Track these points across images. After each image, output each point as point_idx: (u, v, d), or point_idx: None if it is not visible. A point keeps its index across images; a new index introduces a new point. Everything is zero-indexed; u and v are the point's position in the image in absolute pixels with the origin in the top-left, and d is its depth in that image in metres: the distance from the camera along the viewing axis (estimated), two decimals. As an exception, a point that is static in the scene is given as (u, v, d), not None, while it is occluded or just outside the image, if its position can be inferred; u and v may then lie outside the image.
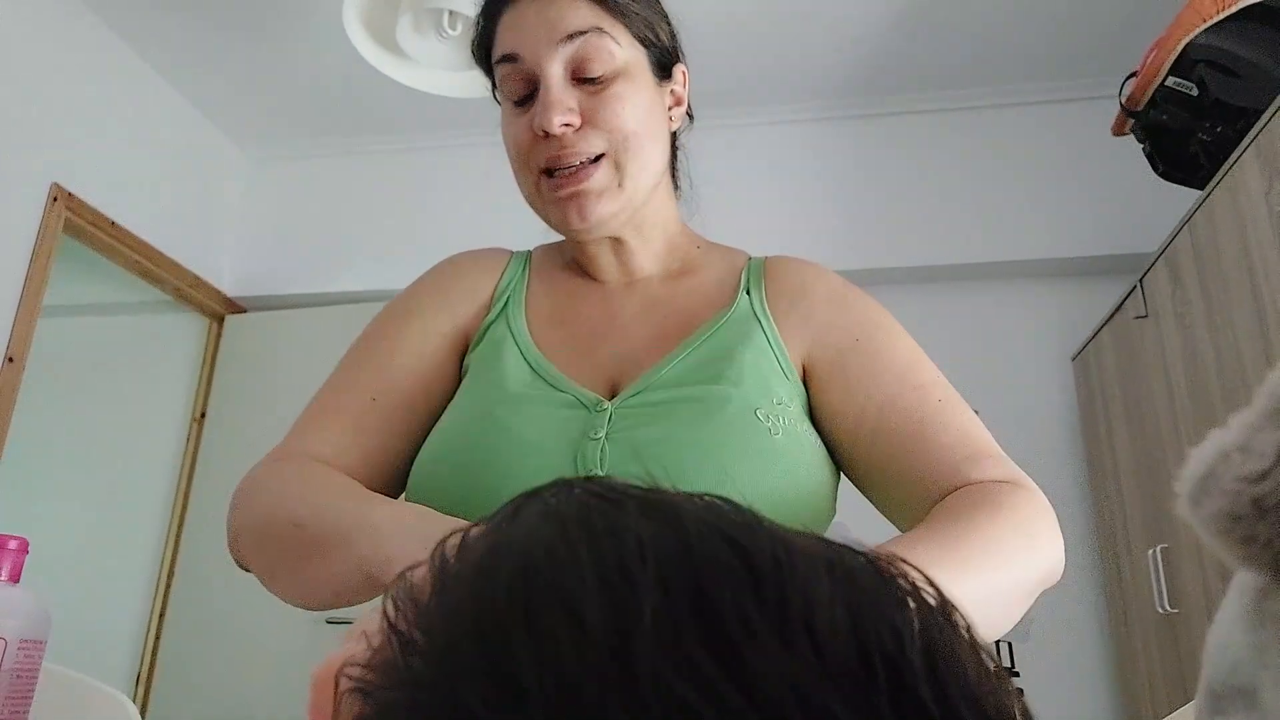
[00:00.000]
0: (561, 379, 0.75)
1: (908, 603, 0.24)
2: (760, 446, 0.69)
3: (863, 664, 0.22)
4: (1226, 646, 0.28)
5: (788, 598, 0.23)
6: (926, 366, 0.77)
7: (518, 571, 0.24)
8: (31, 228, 2.50)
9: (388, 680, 0.25)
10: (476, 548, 0.27)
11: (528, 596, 0.23)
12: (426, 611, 0.26)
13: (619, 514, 0.25)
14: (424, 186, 3.26)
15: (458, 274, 0.86)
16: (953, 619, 0.25)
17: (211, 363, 3.26)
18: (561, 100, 0.74)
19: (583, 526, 0.25)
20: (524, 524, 0.26)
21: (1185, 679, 2.00)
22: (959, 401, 0.75)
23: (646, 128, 0.77)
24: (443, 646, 0.24)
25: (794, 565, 0.24)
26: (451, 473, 0.71)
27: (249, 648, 2.77)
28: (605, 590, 0.23)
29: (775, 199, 2.99)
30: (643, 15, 0.79)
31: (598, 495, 0.27)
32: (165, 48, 2.87)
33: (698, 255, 0.87)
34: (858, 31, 2.72)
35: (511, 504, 0.28)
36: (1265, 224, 1.67)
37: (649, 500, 0.26)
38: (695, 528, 0.25)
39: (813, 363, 0.78)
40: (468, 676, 0.22)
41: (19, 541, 0.67)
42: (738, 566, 0.23)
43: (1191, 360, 1.96)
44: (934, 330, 2.86)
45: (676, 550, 0.24)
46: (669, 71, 0.82)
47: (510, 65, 0.77)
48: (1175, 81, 1.94)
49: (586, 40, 0.74)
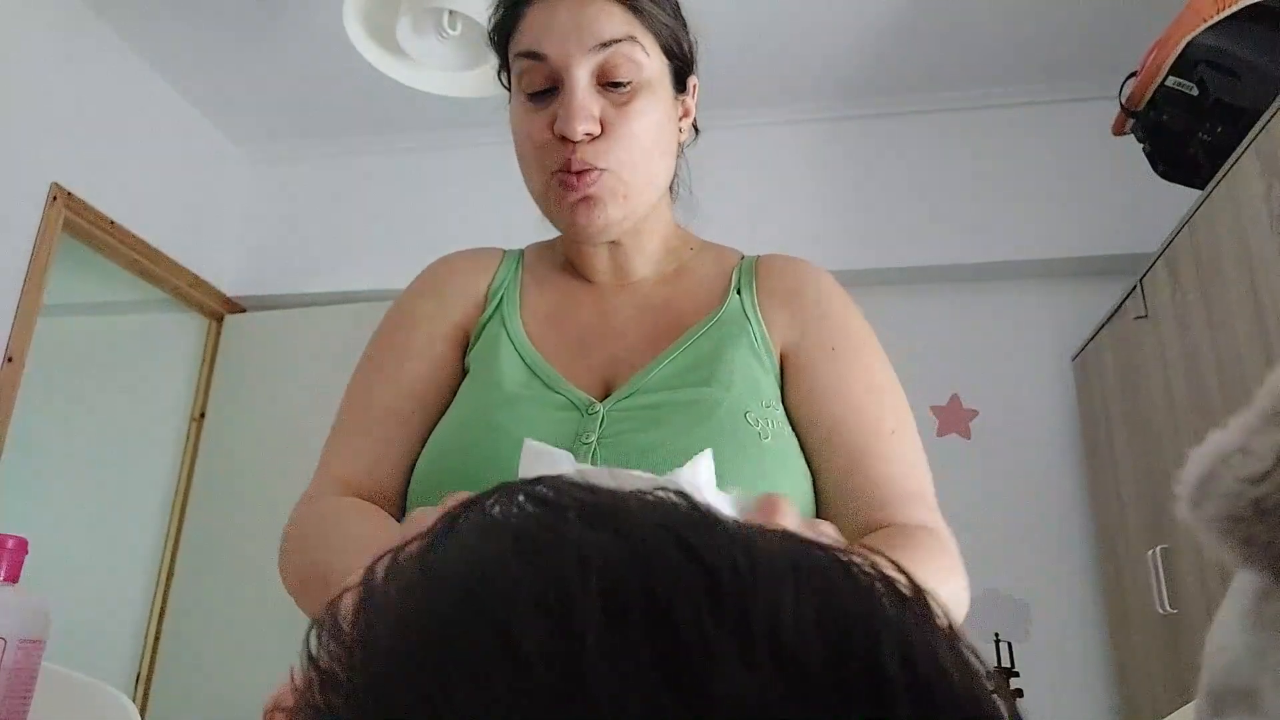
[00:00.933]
0: (556, 378, 0.76)
1: (883, 603, 0.22)
2: (751, 451, 0.70)
3: (836, 680, 0.20)
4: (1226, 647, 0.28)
5: (749, 610, 0.20)
6: (890, 391, 0.78)
7: (448, 597, 0.22)
8: (31, 227, 2.50)
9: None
10: (406, 570, 0.24)
11: (457, 627, 0.21)
12: (348, 644, 0.23)
13: (560, 523, 0.23)
14: (424, 186, 3.26)
15: (451, 274, 0.87)
16: (930, 613, 0.23)
17: (211, 362, 3.26)
18: (586, 107, 0.73)
19: (518, 541, 0.23)
20: (459, 540, 0.24)
21: (1185, 679, 2.00)
22: (911, 435, 0.77)
23: (657, 143, 0.78)
24: (364, 685, 0.22)
25: (756, 571, 0.22)
26: (450, 477, 0.71)
27: (249, 648, 2.77)
28: (543, 616, 0.20)
29: (774, 200, 2.99)
30: (670, 26, 0.79)
31: (540, 501, 0.24)
32: (165, 48, 2.87)
33: (691, 256, 0.87)
34: (857, 32, 2.72)
35: (450, 515, 0.26)
36: (1265, 224, 1.67)
37: (595, 505, 0.24)
38: (645, 534, 0.22)
39: (786, 359, 0.79)
40: (391, 716, 0.20)
41: (19, 541, 0.67)
42: (693, 576, 0.21)
43: (1191, 361, 1.96)
44: (934, 331, 2.87)
45: (624, 564, 0.21)
46: (684, 84, 0.83)
47: (533, 61, 0.75)
48: (1175, 82, 1.94)
49: (619, 48, 0.74)
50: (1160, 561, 2.08)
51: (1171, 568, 2.05)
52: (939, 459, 0.83)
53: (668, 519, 0.23)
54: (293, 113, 3.19)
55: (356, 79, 2.91)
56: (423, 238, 3.11)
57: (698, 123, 0.88)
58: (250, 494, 2.96)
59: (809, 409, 0.76)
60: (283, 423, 2.99)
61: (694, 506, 0.24)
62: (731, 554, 0.22)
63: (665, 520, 0.23)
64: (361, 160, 3.34)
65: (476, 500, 0.26)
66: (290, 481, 1.86)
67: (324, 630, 0.24)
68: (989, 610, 2.59)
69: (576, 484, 0.26)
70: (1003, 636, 2.55)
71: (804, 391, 0.77)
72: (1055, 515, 2.66)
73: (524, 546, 0.22)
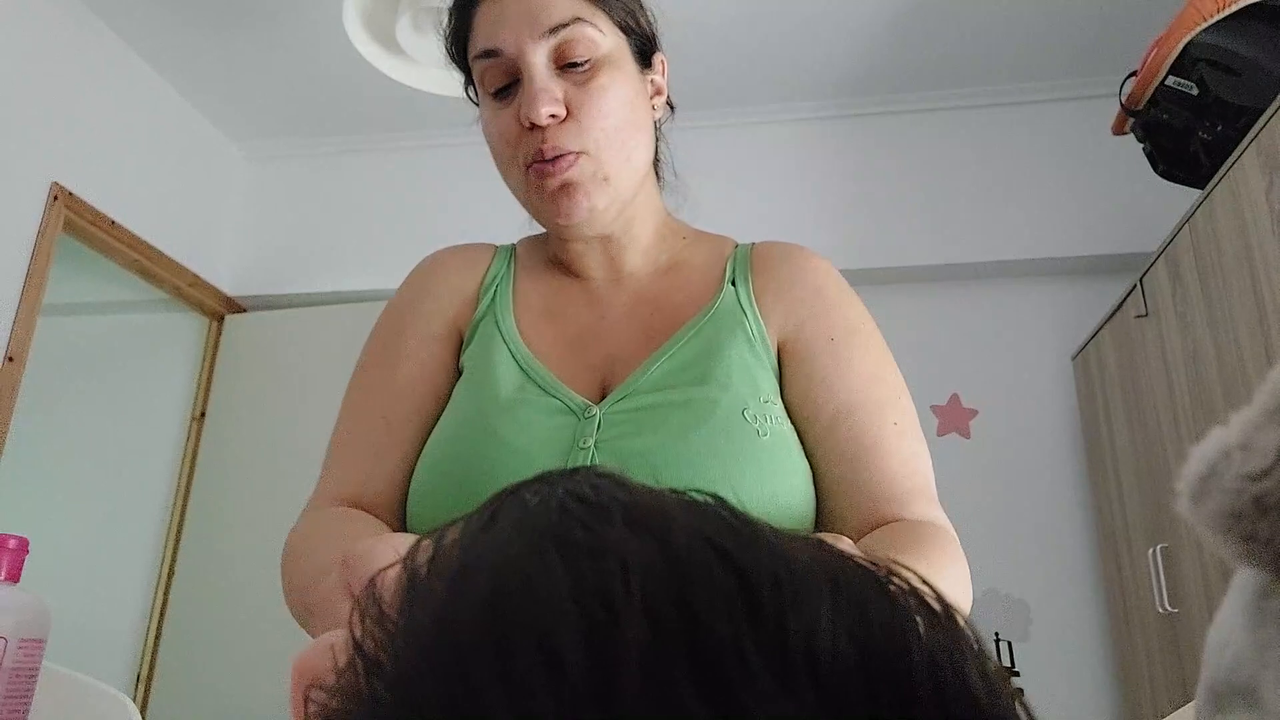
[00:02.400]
0: (551, 381, 0.75)
1: (916, 622, 0.22)
2: (750, 450, 0.69)
3: (868, 700, 0.20)
4: (1227, 645, 0.28)
5: (788, 627, 0.21)
6: (892, 384, 0.76)
7: (488, 597, 0.22)
8: (31, 227, 2.50)
9: (351, 706, 0.23)
10: (448, 559, 0.24)
11: (499, 628, 0.21)
12: (392, 632, 0.23)
13: (603, 526, 0.23)
14: (424, 185, 3.26)
15: (442, 272, 0.86)
16: (961, 633, 0.23)
17: (211, 362, 3.26)
18: (548, 89, 0.73)
19: (561, 543, 0.23)
20: (499, 534, 0.24)
21: (1185, 679, 2.00)
22: (914, 428, 0.75)
23: (630, 119, 0.76)
24: (408, 676, 0.22)
25: (795, 587, 0.22)
26: (447, 484, 0.71)
27: (249, 647, 2.77)
28: (586, 624, 0.20)
29: (773, 199, 2.99)
30: (622, 1, 0.78)
31: (580, 499, 0.25)
32: (165, 47, 2.87)
33: (684, 247, 0.86)
34: (857, 31, 2.72)
35: (490, 504, 0.26)
36: (1266, 223, 1.67)
37: (637, 508, 0.24)
38: (687, 542, 0.22)
39: (784, 351, 0.77)
40: (432, 713, 0.20)
41: (19, 541, 0.67)
42: (733, 590, 0.21)
43: (1192, 359, 1.96)
44: (934, 330, 2.87)
45: (666, 574, 0.22)
46: (649, 60, 0.81)
47: (491, 59, 0.75)
48: (1175, 80, 1.94)
49: (569, 31, 0.73)
50: (1160, 561, 2.08)
51: (1172, 567, 2.05)
52: (939, 459, 0.83)
53: (708, 527, 0.23)
54: (293, 112, 3.19)
55: (356, 79, 2.91)
56: (423, 237, 3.09)
57: (673, 100, 0.86)
58: (250, 494, 2.96)
59: (808, 402, 0.74)
60: (283, 423, 2.99)
61: (735, 516, 0.24)
62: (773, 567, 0.22)
63: (707, 529, 0.23)
64: (361, 160, 3.34)
65: (516, 490, 0.26)
66: (290, 481, 1.87)
67: (367, 614, 0.24)
68: (989, 610, 2.59)
69: (615, 479, 0.26)
70: (1003, 636, 2.55)
71: (803, 384, 0.75)
72: (1055, 515, 2.66)
73: (568, 549, 0.22)
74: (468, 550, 0.24)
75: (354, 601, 0.25)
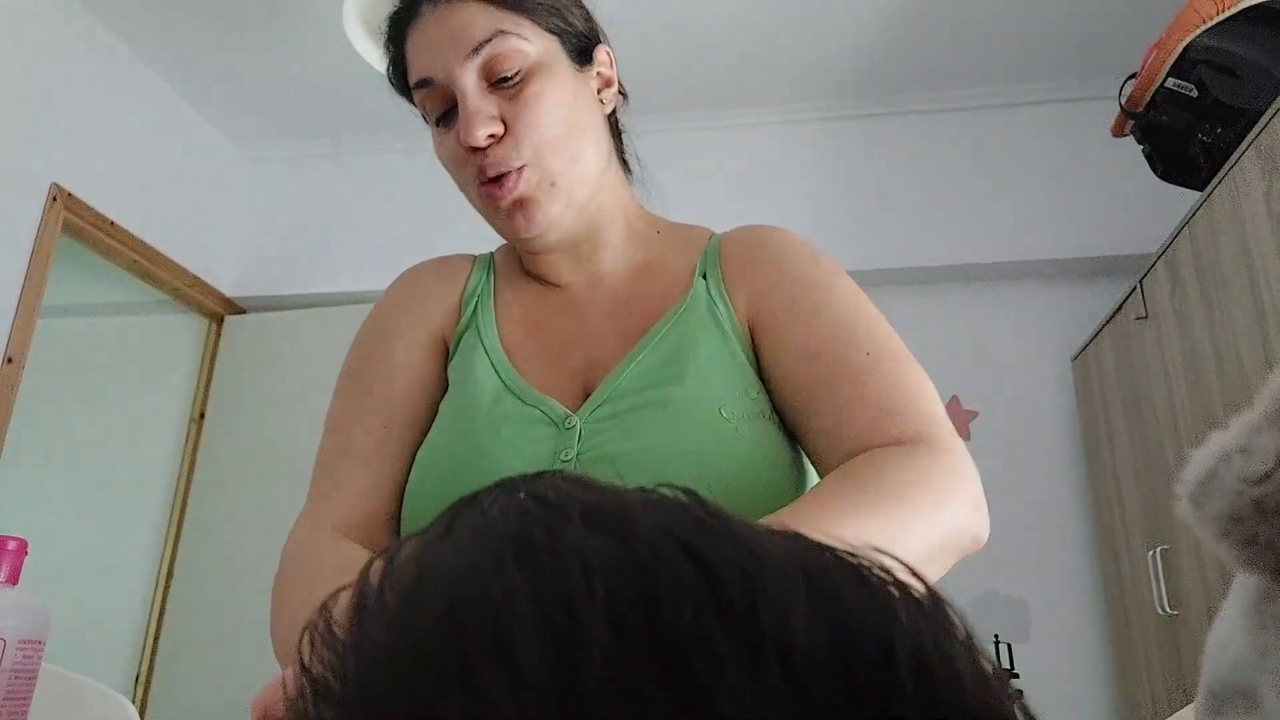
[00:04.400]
0: (530, 392, 0.74)
1: (896, 611, 0.21)
2: (728, 447, 0.68)
3: (847, 695, 0.19)
4: (1226, 647, 0.28)
5: (759, 621, 0.20)
6: (864, 327, 0.72)
7: (445, 607, 0.21)
8: (31, 228, 2.50)
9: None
10: (403, 574, 0.23)
11: (456, 639, 0.20)
12: (341, 652, 0.22)
13: (562, 527, 0.22)
14: (424, 187, 3.25)
15: (423, 284, 0.85)
16: (947, 621, 0.22)
17: (211, 363, 3.26)
18: (481, 109, 0.72)
19: (520, 546, 0.22)
20: (456, 543, 0.23)
21: (1184, 681, 2.00)
22: (892, 356, 0.70)
23: (570, 121, 0.75)
24: (356, 697, 0.21)
25: (765, 578, 0.21)
26: (433, 504, 0.70)
27: (248, 648, 2.77)
28: (547, 630, 0.20)
29: (773, 199, 2.99)
30: (546, 4, 0.77)
31: (541, 502, 0.24)
32: (164, 48, 2.87)
33: (658, 241, 0.84)
34: (856, 31, 2.72)
35: (448, 513, 0.25)
36: (1265, 225, 1.67)
37: (597, 507, 0.23)
38: (650, 539, 0.21)
39: (754, 327, 0.76)
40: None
41: (18, 542, 0.67)
42: (700, 585, 0.20)
43: (1191, 361, 1.96)
44: (934, 330, 2.87)
45: (629, 573, 0.21)
46: (589, 55, 0.80)
47: (427, 88, 0.75)
48: (1175, 83, 1.94)
49: (493, 46, 0.73)
50: (1160, 562, 2.08)
51: (1171, 568, 2.05)
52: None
53: (674, 523, 0.22)
54: (293, 113, 3.19)
55: (356, 79, 2.91)
56: (423, 239, 3.10)
57: (624, 88, 0.85)
58: (250, 494, 2.96)
59: (779, 370, 0.72)
60: (283, 423, 2.99)
61: (701, 505, 0.24)
62: (740, 560, 0.21)
63: (672, 524, 0.22)
64: (361, 161, 3.33)
65: (474, 498, 0.25)
66: (289, 482, 1.86)
67: (316, 635, 0.23)
68: (989, 610, 2.59)
69: (579, 480, 0.25)
70: (1003, 637, 2.55)
71: (770, 353, 0.73)
72: (1055, 516, 2.66)
73: (527, 553, 0.21)
74: (424, 561, 0.23)
75: (305, 626, 0.24)
